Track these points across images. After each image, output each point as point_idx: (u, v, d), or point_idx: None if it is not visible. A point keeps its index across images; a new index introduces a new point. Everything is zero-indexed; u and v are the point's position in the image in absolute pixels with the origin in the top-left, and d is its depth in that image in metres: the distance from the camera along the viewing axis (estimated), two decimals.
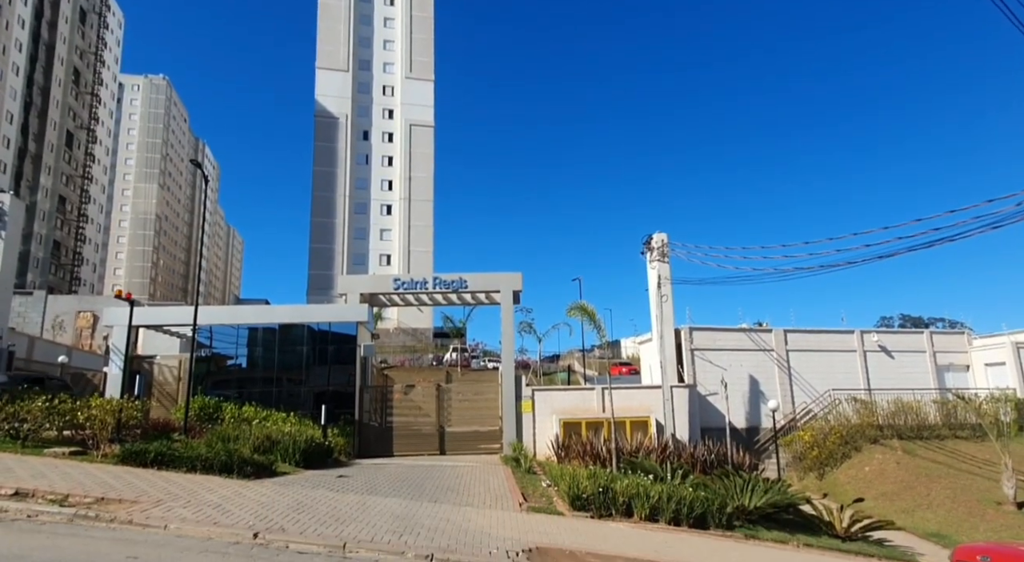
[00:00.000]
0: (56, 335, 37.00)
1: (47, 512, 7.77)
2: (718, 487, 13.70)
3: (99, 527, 7.51)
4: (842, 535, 13.33)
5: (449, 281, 23.37)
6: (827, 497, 18.15)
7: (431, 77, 70.55)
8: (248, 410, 18.30)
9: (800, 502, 14.31)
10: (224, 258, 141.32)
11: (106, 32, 77.83)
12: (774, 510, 13.24)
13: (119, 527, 7.53)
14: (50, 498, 8.13)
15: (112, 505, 8.14)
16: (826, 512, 14.14)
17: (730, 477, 14.42)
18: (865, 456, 21.86)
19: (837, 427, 22.85)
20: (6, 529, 7.11)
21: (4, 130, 60.03)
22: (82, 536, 7.11)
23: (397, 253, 65.58)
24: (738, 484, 13.76)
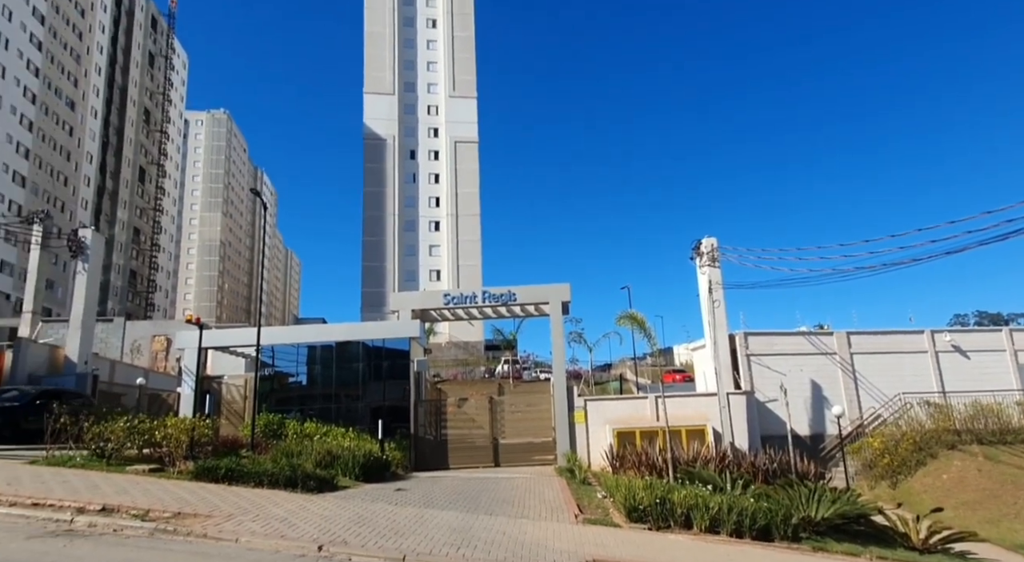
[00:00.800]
0: (134, 358, 39.44)
1: (131, 527, 8.33)
2: (782, 497, 13.22)
3: (177, 540, 7.99)
4: (919, 547, 12.61)
5: (498, 294, 23.62)
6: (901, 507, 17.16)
7: (473, 94, 71.80)
8: (309, 426, 18.98)
9: (872, 512, 13.62)
10: (283, 280, 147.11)
11: (172, 73, 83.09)
12: (843, 521, 12.67)
13: (195, 540, 7.99)
14: (133, 513, 8.71)
15: (188, 519, 8.65)
16: (901, 523, 13.40)
17: (794, 487, 13.89)
18: (942, 463, 20.59)
19: (909, 433, 21.63)
20: (95, 543, 7.67)
21: (85, 170, 64.86)
22: (161, 549, 7.60)
23: (446, 268, 66.63)
24: (803, 494, 13.24)
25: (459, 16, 73.21)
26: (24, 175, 54.25)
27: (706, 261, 23.79)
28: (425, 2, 74.03)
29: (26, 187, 54.31)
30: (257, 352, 18.55)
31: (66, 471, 11.77)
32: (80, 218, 60.01)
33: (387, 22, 71.76)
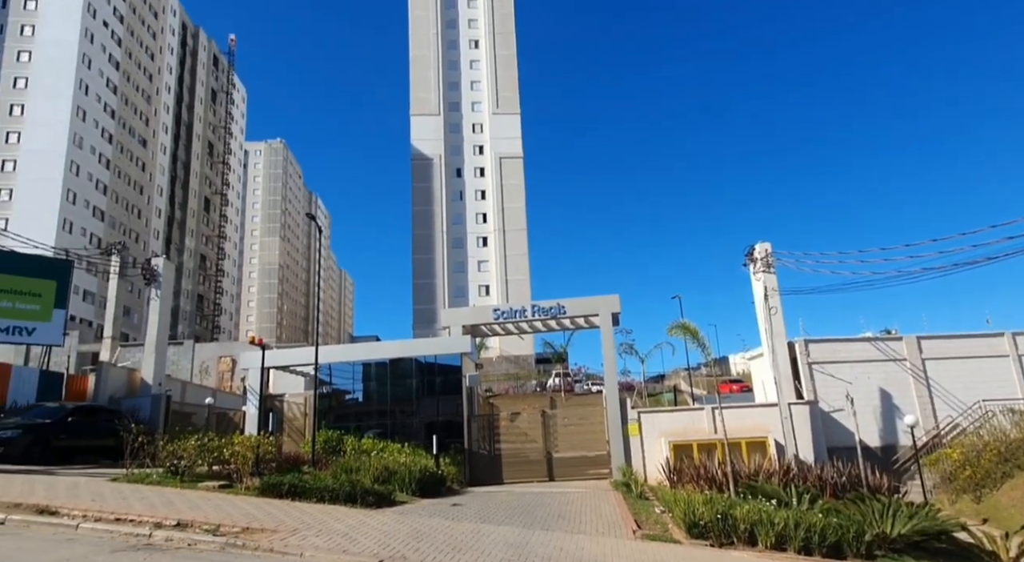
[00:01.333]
0: (203, 379, 41.42)
1: (203, 541, 8.74)
2: (853, 512, 12.58)
3: (245, 555, 8.33)
4: None
5: (547, 308, 23.63)
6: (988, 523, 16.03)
7: (517, 110, 72.64)
8: (367, 442, 19.41)
9: (954, 529, 12.77)
10: (338, 299, 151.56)
11: (232, 107, 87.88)
12: (923, 538, 11.92)
13: (262, 554, 8.31)
14: (205, 528, 9.14)
15: (256, 534, 9.00)
16: (987, 540, 12.49)
17: (866, 501, 13.19)
18: None
19: (992, 443, 20.16)
20: (172, 556, 8.09)
21: (156, 202, 69.09)
22: None
23: (495, 283, 67.12)
24: (877, 509, 12.55)
25: (500, 35, 74.47)
26: (103, 210, 58.29)
27: (760, 267, 23.09)
28: (467, 24, 75.73)
29: (104, 221, 58.29)
30: (315, 371, 19.15)
31: (144, 488, 12.45)
32: (152, 247, 63.86)
33: (431, 45, 73.74)
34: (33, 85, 54.79)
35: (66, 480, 12.82)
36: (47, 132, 53.46)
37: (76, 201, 54.50)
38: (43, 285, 22.20)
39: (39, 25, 56.22)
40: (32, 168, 52.66)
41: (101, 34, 59.42)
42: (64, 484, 12.11)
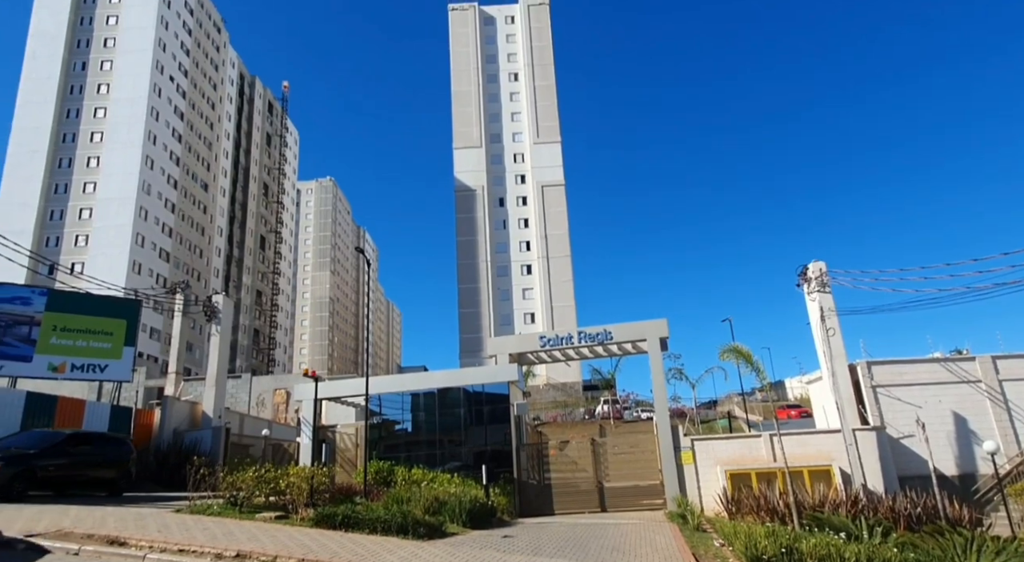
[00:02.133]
0: (259, 411, 42.68)
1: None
2: (931, 547, 11.76)
3: None
4: None
5: (594, 334, 23.43)
6: None
7: (557, 138, 73.53)
8: (416, 472, 19.50)
9: None
10: (386, 331, 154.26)
11: (285, 149, 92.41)
12: None
13: None
14: (263, 559, 9.34)
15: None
16: None
17: (946, 535, 12.31)
18: None
19: None
20: None
21: (216, 242, 72.70)
22: None
23: (540, 310, 67.09)
24: (959, 543, 11.69)
25: (539, 67, 76.06)
26: (168, 251, 61.73)
27: (815, 287, 22.33)
28: (507, 58, 77.77)
29: (170, 261, 61.66)
30: (366, 402, 19.50)
31: (205, 519, 12.85)
32: (213, 285, 66.97)
33: (472, 81, 75.97)
34: (108, 138, 59.15)
35: (134, 511, 13.36)
36: (119, 181, 57.40)
37: (144, 244, 57.94)
38: (114, 324, 23.57)
39: (113, 83, 60.94)
40: (106, 215, 56.48)
41: (167, 88, 63.86)
42: (132, 515, 12.63)
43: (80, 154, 58.86)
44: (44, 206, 56.83)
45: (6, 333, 21.01)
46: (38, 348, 21.59)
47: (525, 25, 78.13)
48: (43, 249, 54.16)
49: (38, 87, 59.80)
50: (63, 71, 60.59)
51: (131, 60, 61.23)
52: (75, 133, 59.53)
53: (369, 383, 19.43)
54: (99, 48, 62.14)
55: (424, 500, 15.05)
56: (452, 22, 79.24)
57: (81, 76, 61.34)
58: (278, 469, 15.38)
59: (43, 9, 62.24)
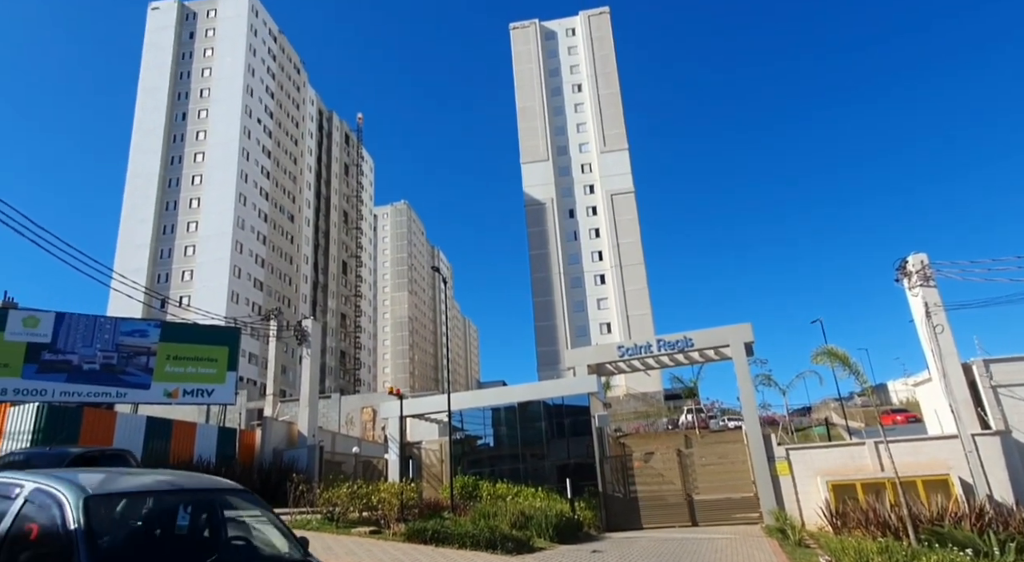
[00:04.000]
0: (348, 429, 44.52)
1: None
2: None
3: None
4: None
5: (673, 342, 22.87)
6: None
7: (625, 146, 72.79)
8: (501, 487, 19.65)
9: None
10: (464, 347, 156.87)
11: (362, 177, 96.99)
12: None
13: None
14: None
15: None
16: None
17: None
18: None
19: None
20: None
21: (303, 270, 77.08)
22: None
23: (616, 320, 66.11)
24: None
25: (603, 76, 75.83)
26: (262, 280, 66.08)
27: (917, 281, 20.70)
28: (569, 70, 78.13)
29: (263, 290, 65.94)
30: (449, 418, 19.94)
31: (306, 533, 13.54)
32: (301, 311, 70.88)
33: (536, 96, 76.85)
34: (206, 180, 64.43)
35: None
36: (217, 219, 62.25)
37: (240, 275, 62.33)
38: (218, 351, 25.48)
39: (209, 130, 66.45)
40: (207, 250, 61.33)
41: (256, 130, 68.84)
42: None
43: (183, 196, 64.39)
44: (155, 246, 62.50)
45: (128, 363, 23.21)
46: (155, 376, 23.67)
47: (586, 36, 78.27)
48: (155, 285, 59.47)
49: (146, 137, 66.20)
50: (167, 122, 66.76)
51: (223, 108, 66.55)
52: (179, 178, 65.27)
53: (450, 399, 19.87)
54: (196, 98, 68.03)
55: (510, 515, 15.13)
56: (514, 40, 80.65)
57: (182, 125, 67.32)
58: (369, 485, 16.00)
59: (150, 67, 69.01)
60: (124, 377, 22.98)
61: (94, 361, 22.29)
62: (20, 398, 20.01)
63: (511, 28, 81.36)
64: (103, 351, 22.56)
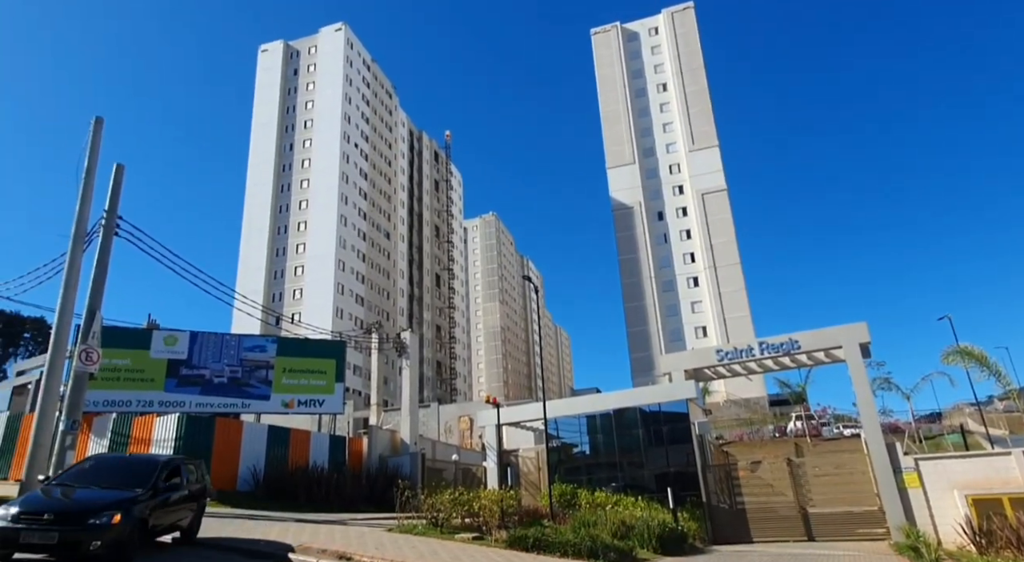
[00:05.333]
0: (447, 438, 45.85)
1: None
2: None
3: None
4: None
5: (778, 344, 21.66)
6: None
7: (715, 143, 70.23)
8: (600, 495, 19.43)
9: None
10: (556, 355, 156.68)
11: (451, 192, 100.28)
12: None
13: None
14: None
15: None
16: None
17: None
18: None
19: None
20: None
21: (400, 284, 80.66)
22: None
23: (712, 323, 63.53)
24: None
25: (688, 73, 73.76)
26: (362, 296, 69.86)
27: None
28: (653, 70, 76.67)
29: (364, 305, 69.67)
30: (545, 425, 20.04)
31: (413, 538, 14.11)
32: (399, 323, 74.08)
33: (620, 100, 76.06)
34: (311, 204, 69.34)
35: (355, 530, 15.14)
36: (322, 240, 66.73)
37: (344, 292, 66.26)
38: (327, 364, 27.24)
39: (313, 157, 71.55)
40: (314, 270, 65.83)
41: (353, 154, 73.25)
42: (354, 534, 14.31)
43: (292, 220, 69.64)
44: (269, 267, 67.97)
45: (251, 376, 25.39)
46: (273, 388, 25.71)
47: (670, 33, 76.51)
48: (271, 304, 64.57)
49: (259, 170, 72.41)
50: (276, 153, 72.68)
51: (324, 136, 71.44)
52: (288, 203, 70.71)
53: (546, 407, 19.97)
54: (301, 129, 73.56)
55: (611, 524, 14.92)
56: (595, 45, 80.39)
57: (289, 155, 72.99)
58: (470, 492, 16.39)
59: (261, 104, 75.59)
60: (248, 389, 25.15)
61: (223, 375, 24.60)
62: (164, 409, 22.46)
63: (592, 34, 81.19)
64: (230, 366, 24.85)
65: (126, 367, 22.96)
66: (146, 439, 19.60)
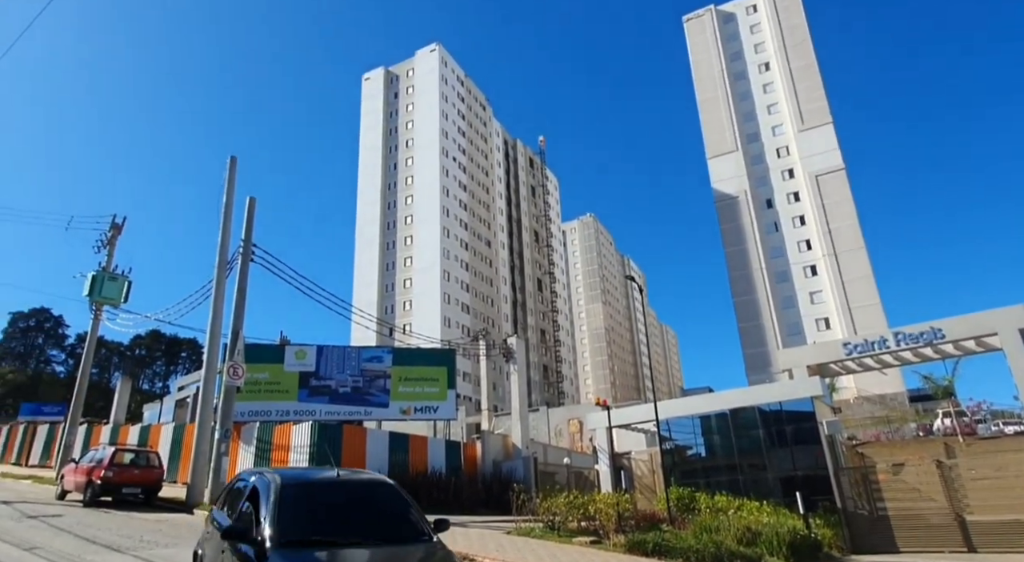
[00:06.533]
0: (557, 441, 45.98)
1: None
2: None
3: None
4: None
5: (917, 334, 19.79)
6: None
7: (828, 119, 65.24)
8: (720, 499, 18.66)
9: None
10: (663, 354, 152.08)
11: (548, 196, 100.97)
12: None
13: None
14: None
15: None
16: None
17: None
18: None
19: None
20: None
21: (503, 291, 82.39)
22: None
23: (835, 315, 58.71)
24: None
25: (793, 49, 69.19)
26: (468, 304, 72.09)
27: None
28: (753, 50, 72.75)
29: (469, 313, 71.82)
30: (657, 428, 19.62)
31: (531, 541, 14.36)
32: (504, 329, 75.54)
33: (717, 85, 72.87)
34: (415, 219, 72.82)
35: (475, 532, 15.64)
36: (427, 252, 69.81)
37: (450, 301, 68.76)
38: (438, 372, 28.41)
39: (415, 175, 75.16)
40: (421, 281, 68.96)
41: (452, 168, 76.05)
42: (475, 535, 14.80)
43: (399, 235, 73.51)
44: (381, 282, 72.12)
45: (371, 386, 27.09)
46: (391, 396, 27.24)
47: (770, 9, 72.17)
48: (383, 316, 68.42)
49: (368, 191, 77.31)
50: (382, 173, 77.20)
51: (425, 153, 74.84)
52: (394, 220, 74.74)
53: (657, 408, 19.54)
54: (403, 148, 77.59)
55: (735, 530, 14.31)
56: (689, 32, 77.61)
57: (393, 174, 77.20)
58: (584, 495, 16.40)
59: (367, 130, 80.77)
60: (368, 397, 26.84)
61: (346, 385, 26.46)
62: (298, 418, 24.54)
63: (685, 20, 78.43)
64: (352, 376, 26.68)
65: (265, 380, 25.36)
66: (285, 445, 21.47)
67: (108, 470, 16.31)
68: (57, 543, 10.42)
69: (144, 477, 17.11)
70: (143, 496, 16.91)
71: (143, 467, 17.42)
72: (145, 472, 17.28)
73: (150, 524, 13.51)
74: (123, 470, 16.72)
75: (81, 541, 10.76)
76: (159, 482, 17.61)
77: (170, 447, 24.40)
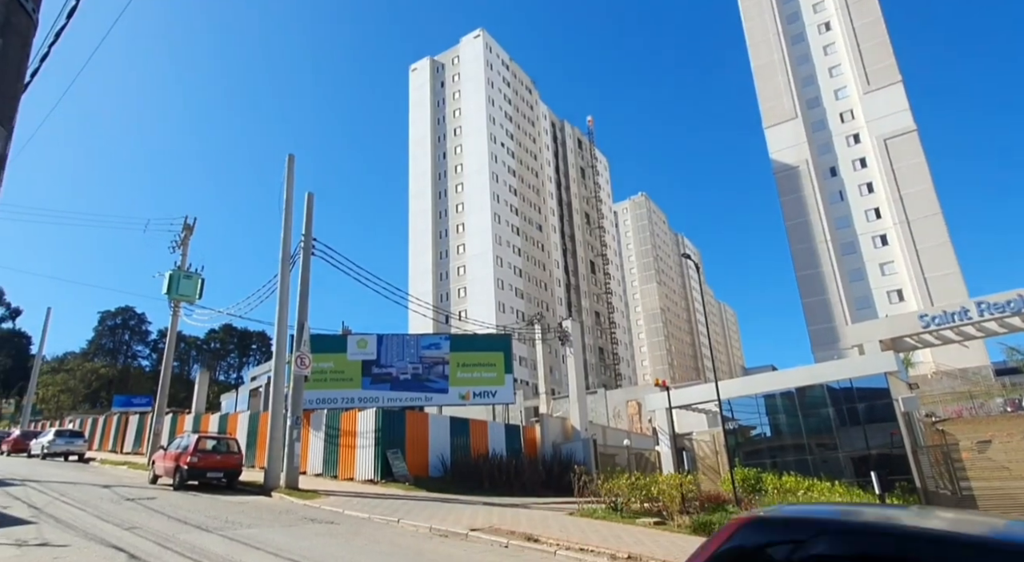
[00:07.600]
0: (616, 423, 45.79)
1: None
2: None
3: None
4: None
5: (1003, 303, 18.50)
6: None
7: (897, 78, 61.25)
8: (789, 480, 18.14)
9: None
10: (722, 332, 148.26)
11: (598, 177, 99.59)
12: None
13: None
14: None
15: None
16: None
17: None
18: None
19: None
20: None
21: (556, 274, 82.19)
22: None
23: (909, 285, 55.50)
24: None
25: (855, 5, 65.15)
26: (521, 289, 72.38)
27: None
28: (812, 10, 69.02)
29: (523, 298, 72.12)
30: (719, 407, 19.23)
31: (594, 522, 14.44)
32: (559, 313, 75.46)
33: (773, 50, 69.58)
34: (466, 207, 73.45)
35: (539, 514, 15.86)
36: (479, 239, 70.36)
37: (504, 287, 69.22)
38: (495, 357, 28.74)
39: (464, 163, 75.68)
40: (475, 268, 69.69)
41: (500, 153, 76.09)
42: (538, 517, 15.02)
43: (451, 224, 74.39)
44: (435, 270, 73.33)
45: (430, 372, 27.74)
46: (450, 382, 27.82)
47: None
48: (439, 304, 69.66)
49: (419, 181, 78.41)
50: (432, 163, 78.10)
51: (473, 140, 75.14)
52: (446, 209, 75.63)
53: (719, 388, 19.13)
54: (451, 137, 78.18)
55: None
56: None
57: (443, 164, 77.99)
58: (646, 477, 16.31)
59: (416, 122, 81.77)
60: (428, 384, 27.49)
61: (407, 372, 27.19)
62: (363, 405, 25.45)
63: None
64: (411, 363, 27.38)
65: (330, 369, 26.39)
66: (352, 431, 22.36)
67: (194, 456, 17.46)
68: (153, 523, 11.28)
69: (225, 462, 18.21)
70: (225, 480, 18.03)
71: (224, 453, 18.53)
72: (226, 458, 18.39)
73: (233, 506, 14.41)
74: (207, 456, 17.85)
75: (174, 522, 11.61)
76: (239, 467, 18.70)
77: (247, 434, 25.81)
